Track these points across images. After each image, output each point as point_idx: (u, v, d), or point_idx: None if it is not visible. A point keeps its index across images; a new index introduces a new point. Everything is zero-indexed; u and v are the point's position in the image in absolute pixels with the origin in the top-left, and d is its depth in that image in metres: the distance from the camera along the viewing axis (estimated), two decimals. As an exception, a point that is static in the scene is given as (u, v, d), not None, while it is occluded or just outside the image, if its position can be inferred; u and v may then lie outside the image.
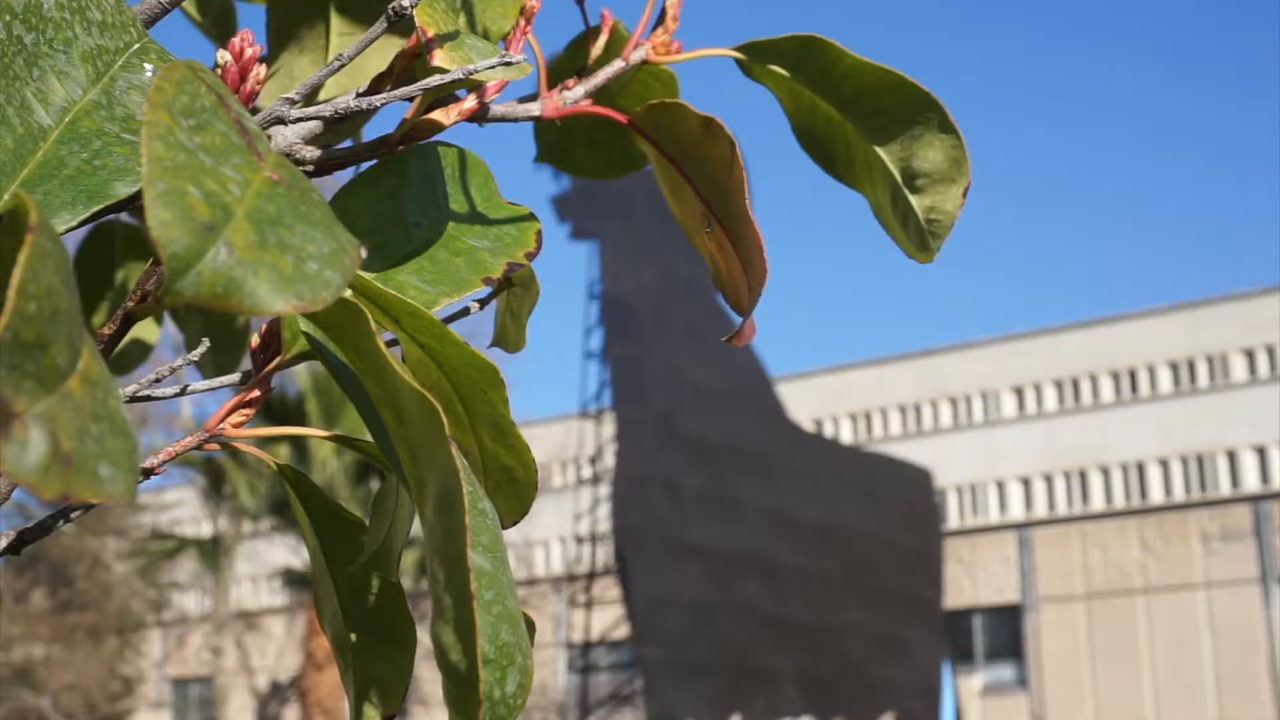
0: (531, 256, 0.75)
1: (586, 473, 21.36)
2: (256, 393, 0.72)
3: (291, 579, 20.11)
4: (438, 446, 0.51)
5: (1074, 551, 28.36)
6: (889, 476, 21.13)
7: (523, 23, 0.80)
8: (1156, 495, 28.54)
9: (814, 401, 31.98)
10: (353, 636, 0.75)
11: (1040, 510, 29.60)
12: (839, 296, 71.00)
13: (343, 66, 0.64)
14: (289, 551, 20.88)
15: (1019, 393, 30.65)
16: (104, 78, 0.61)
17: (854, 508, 19.86)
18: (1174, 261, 64.12)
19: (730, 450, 18.02)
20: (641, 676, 16.79)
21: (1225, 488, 27.84)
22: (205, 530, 26.04)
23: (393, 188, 0.74)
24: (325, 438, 0.64)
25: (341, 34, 0.90)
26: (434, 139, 0.78)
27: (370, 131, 0.89)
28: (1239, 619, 26.46)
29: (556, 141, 1.00)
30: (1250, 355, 28.49)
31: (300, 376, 19.54)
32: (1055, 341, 30.32)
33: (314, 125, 0.72)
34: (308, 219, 0.47)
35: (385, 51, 0.81)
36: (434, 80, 0.66)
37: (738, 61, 0.91)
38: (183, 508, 30.15)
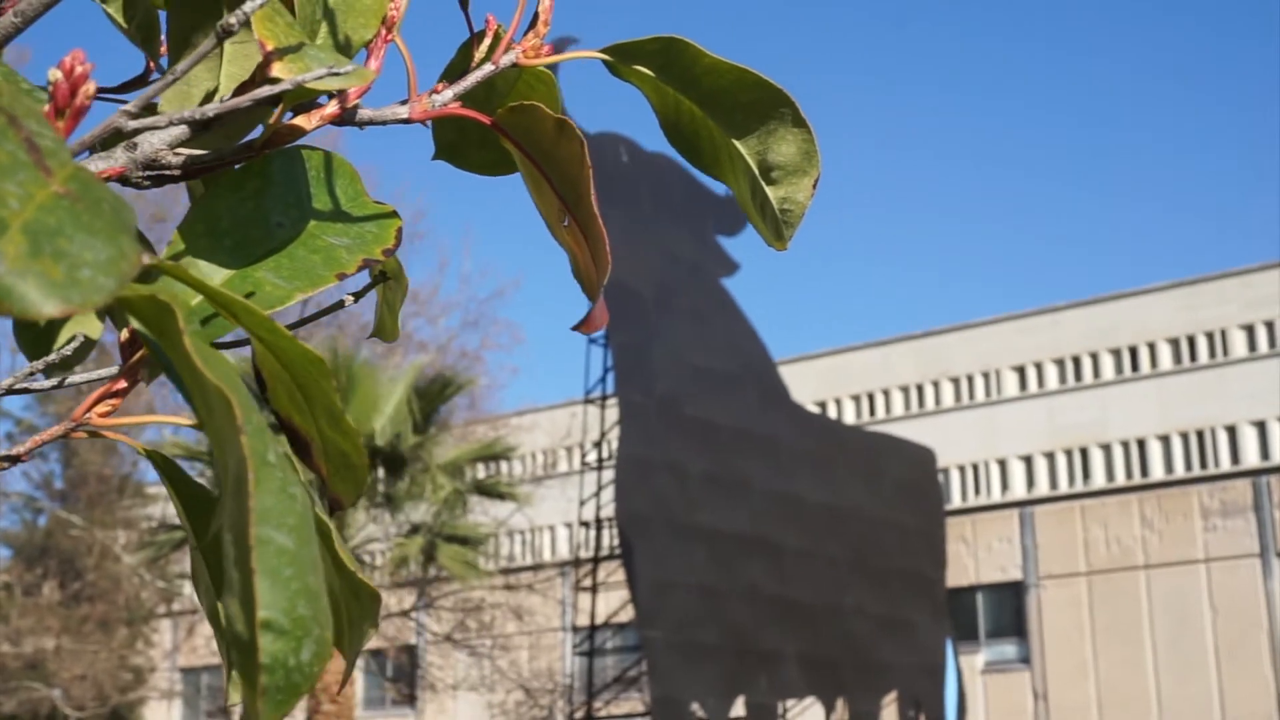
0: (389, 252, 0.81)
1: (591, 458, 21.37)
2: (123, 383, 0.77)
3: (299, 567, 20.16)
4: (231, 435, 0.57)
5: (1075, 528, 28.40)
6: (892, 457, 21.12)
7: (384, 31, 0.87)
8: (1157, 471, 28.55)
9: (817, 383, 32.01)
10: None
11: (1042, 488, 29.62)
12: (840, 279, 70.93)
13: (176, 80, 0.72)
14: (296, 540, 20.92)
15: (1020, 372, 30.66)
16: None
17: (857, 488, 19.86)
18: (1172, 239, 64.00)
19: (734, 433, 18.02)
20: (647, 659, 16.80)
21: (1225, 463, 27.86)
22: (213, 520, 26.09)
23: (256, 190, 0.80)
24: (185, 425, 0.70)
25: (235, 42, 0.94)
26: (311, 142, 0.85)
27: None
28: (1239, 593, 26.49)
29: (454, 140, 1.06)
30: (1250, 331, 28.48)
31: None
32: (1055, 320, 30.31)
33: (181, 131, 0.78)
34: (89, 229, 0.52)
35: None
36: (264, 91, 0.73)
37: (605, 62, 0.95)
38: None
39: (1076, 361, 30.07)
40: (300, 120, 0.81)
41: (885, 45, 72.10)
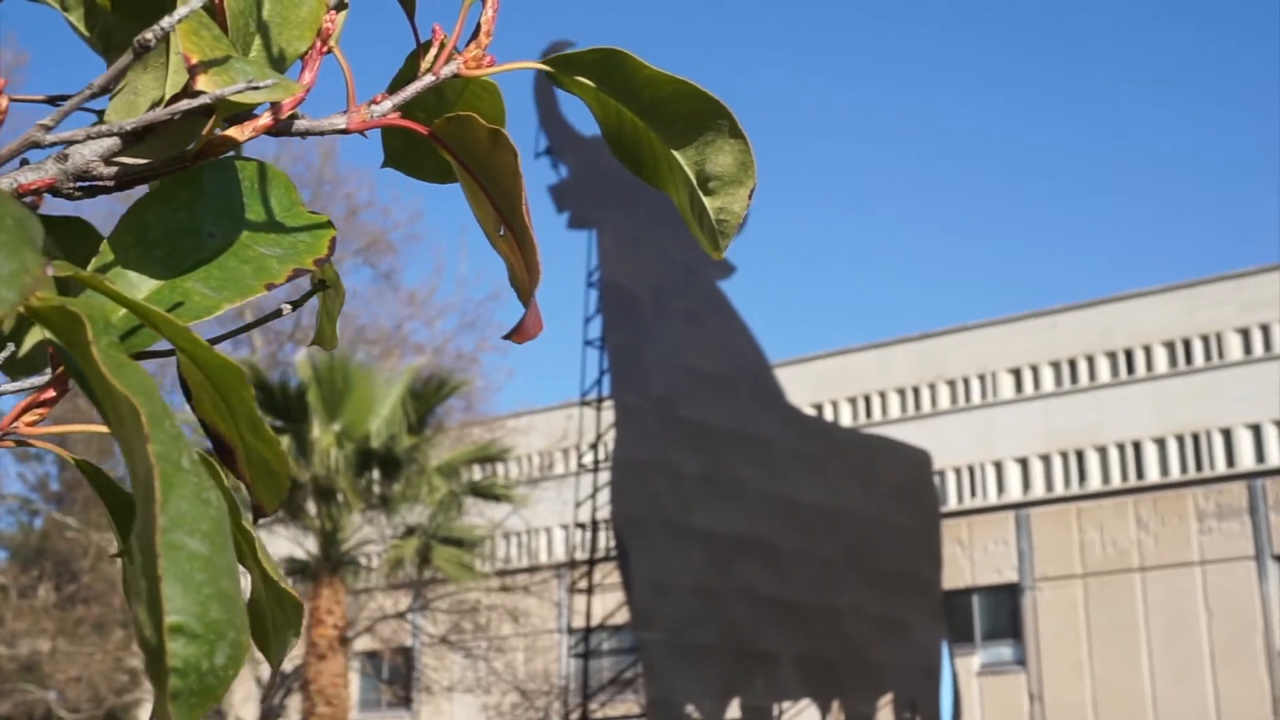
0: (321, 262, 0.81)
1: (588, 459, 21.37)
2: (51, 392, 0.77)
3: (294, 569, 20.15)
4: (139, 443, 0.57)
5: (1071, 531, 28.42)
6: (888, 459, 21.14)
7: (319, 43, 0.88)
8: (1153, 474, 28.57)
9: (813, 385, 32.02)
10: None
11: (1038, 490, 29.65)
12: (837, 281, 70.95)
13: (94, 95, 0.73)
14: (291, 542, 20.91)
15: (1016, 374, 30.68)
16: None
17: (853, 490, 19.87)
18: (1169, 242, 64.04)
19: (730, 434, 18.02)
20: (643, 661, 16.81)
21: (1221, 466, 27.88)
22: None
23: (187, 200, 0.80)
24: (107, 433, 0.71)
25: (180, 52, 0.96)
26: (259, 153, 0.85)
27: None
28: (1234, 596, 26.52)
29: (402, 149, 1.07)
30: (1245, 334, 28.51)
31: (302, 369, 19.58)
32: (1052, 323, 30.34)
33: (112, 143, 0.79)
34: (-10, 245, 0.55)
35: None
36: (182, 104, 0.74)
37: (547, 73, 0.96)
38: (186, 500, 30.22)
39: (1072, 364, 30.09)
40: (233, 131, 0.82)
41: (882, 47, 72.15)
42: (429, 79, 0.96)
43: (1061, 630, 28.02)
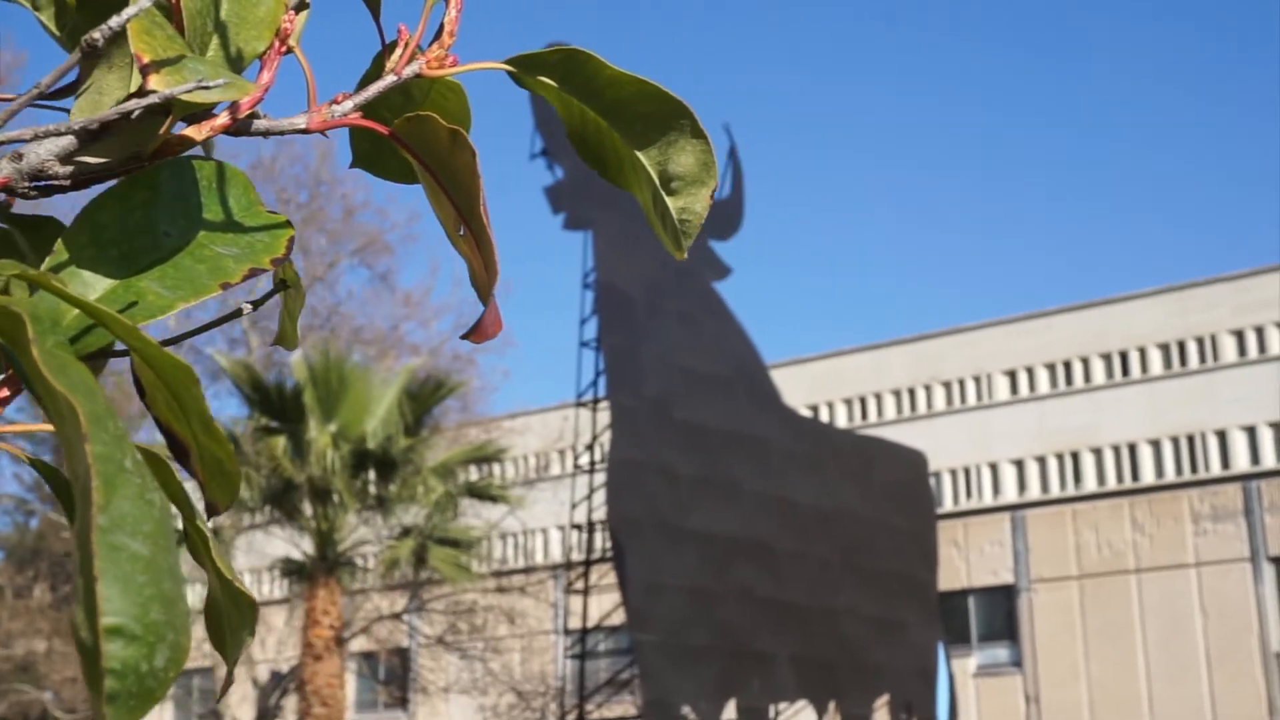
0: (279, 261, 0.81)
1: (584, 460, 21.35)
2: (5, 391, 0.77)
3: (290, 570, 20.14)
4: (78, 443, 0.57)
5: (1067, 532, 28.44)
6: (884, 460, 21.13)
7: (278, 43, 0.88)
8: (1148, 475, 28.60)
9: (809, 386, 32.04)
10: None
11: (1033, 492, 29.67)
12: (833, 283, 70.96)
13: (41, 94, 0.73)
14: (287, 543, 20.90)
15: (1011, 376, 30.71)
16: None
17: (849, 491, 19.85)
18: (1163, 244, 64.07)
19: (725, 435, 18.01)
20: (639, 662, 16.79)
21: (1216, 467, 27.91)
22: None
23: (144, 200, 0.80)
24: (44, 430, 0.70)
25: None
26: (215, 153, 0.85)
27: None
28: (1230, 597, 26.54)
29: (369, 150, 1.07)
30: (1240, 336, 28.55)
31: (298, 369, 19.57)
32: (1047, 324, 30.38)
33: (68, 142, 0.78)
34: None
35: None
36: (131, 104, 0.75)
37: (509, 73, 0.96)
38: (182, 500, 30.18)
39: (1068, 366, 30.12)
40: (190, 131, 0.82)
41: (877, 50, 72.16)
42: (391, 79, 0.96)
43: (1057, 632, 28.04)
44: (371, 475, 19.61)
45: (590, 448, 19.30)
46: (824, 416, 31.53)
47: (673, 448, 17.18)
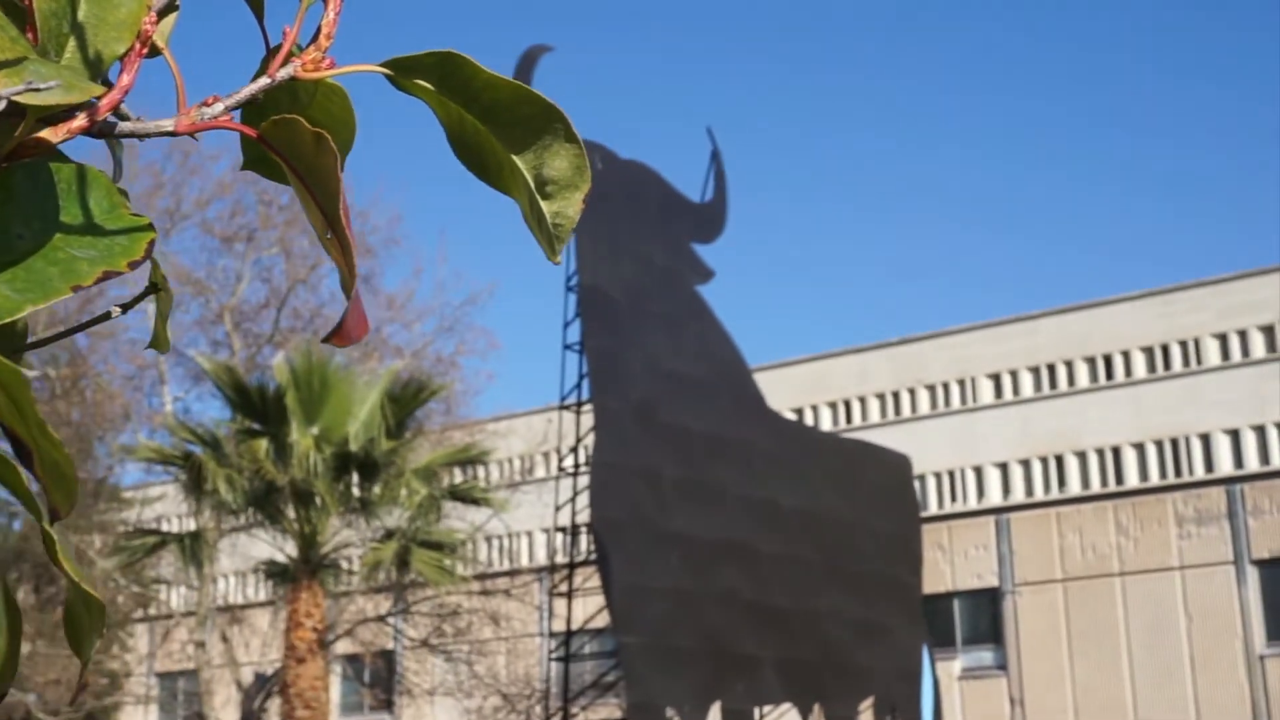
0: (136, 265, 0.81)
1: (568, 463, 21.34)
2: None
3: (273, 572, 20.10)
4: None
5: (1051, 535, 28.50)
6: (868, 463, 21.14)
7: (138, 45, 0.87)
8: (1132, 479, 28.68)
9: (794, 390, 32.06)
10: None
11: (1018, 495, 29.73)
12: (818, 286, 71.11)
13: None
14: (270, 545, 20.87)
15: (996, 379, 30.78)
16: None
17: (834, 495, 19.86)
18: (1147, 248, 64.30)
19: (710, 439, 18.00)
20: (623, 664, 16.77)
21: (1199, 471, 28.00)
22: (188, 525, 26.05)
23: None
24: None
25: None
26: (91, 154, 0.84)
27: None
28: (1214, 600, 26.61)
29: (259, 153, 1.06)
30: (1223, 340, 28.64)
31: (280, 372, 19.53)
32: (1031, 328, 30.45)
33: None
34: None
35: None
36: None
37: (387, 76, 0.95)
38: (164, 503, 30.12)
39: (1052, 369, 30.19)
40: (46, 133, 0.81)
41: (871, 51, 72.27)
42: (264, 81, 0.95)
43: (1042, 635, 28.09)
44: (354, 478, 19.57)
45: (574, 451, 19.29)
46: (809, 420, 31.58)
47: (657, 451, 17.17)
